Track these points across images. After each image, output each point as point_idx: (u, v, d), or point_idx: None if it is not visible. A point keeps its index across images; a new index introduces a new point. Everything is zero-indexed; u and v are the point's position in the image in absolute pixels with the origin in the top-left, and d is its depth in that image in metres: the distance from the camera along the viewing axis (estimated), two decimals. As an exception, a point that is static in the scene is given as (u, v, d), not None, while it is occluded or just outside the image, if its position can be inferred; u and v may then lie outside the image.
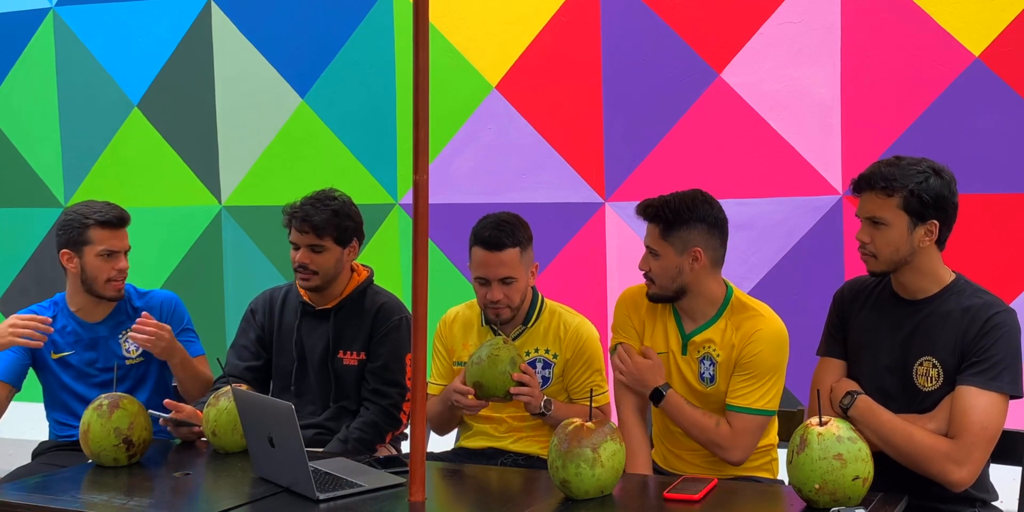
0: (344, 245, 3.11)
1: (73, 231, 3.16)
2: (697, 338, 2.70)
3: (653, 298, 2.73)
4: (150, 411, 2.84)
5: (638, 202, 2.72)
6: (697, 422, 2.65)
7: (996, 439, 2.32)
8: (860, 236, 2.45)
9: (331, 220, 3.06)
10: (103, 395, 2.73)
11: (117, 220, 3.17)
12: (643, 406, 2.80)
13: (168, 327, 3.11)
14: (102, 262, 3.15)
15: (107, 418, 2.65)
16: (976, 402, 2.28)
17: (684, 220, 2.61)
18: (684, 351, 2.72)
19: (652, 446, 2.86)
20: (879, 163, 2.43)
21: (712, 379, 2.68)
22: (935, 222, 2.37)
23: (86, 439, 2.67)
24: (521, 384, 2.75)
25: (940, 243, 2.42)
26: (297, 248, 3.10)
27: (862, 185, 2.43)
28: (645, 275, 2.72)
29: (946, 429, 2.32)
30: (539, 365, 2.94)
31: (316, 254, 3.07)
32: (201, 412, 2.86)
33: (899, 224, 2.37)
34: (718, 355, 2.67)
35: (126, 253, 3.21)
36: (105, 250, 3.15)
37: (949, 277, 2.44)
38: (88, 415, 2.69)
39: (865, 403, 2.38)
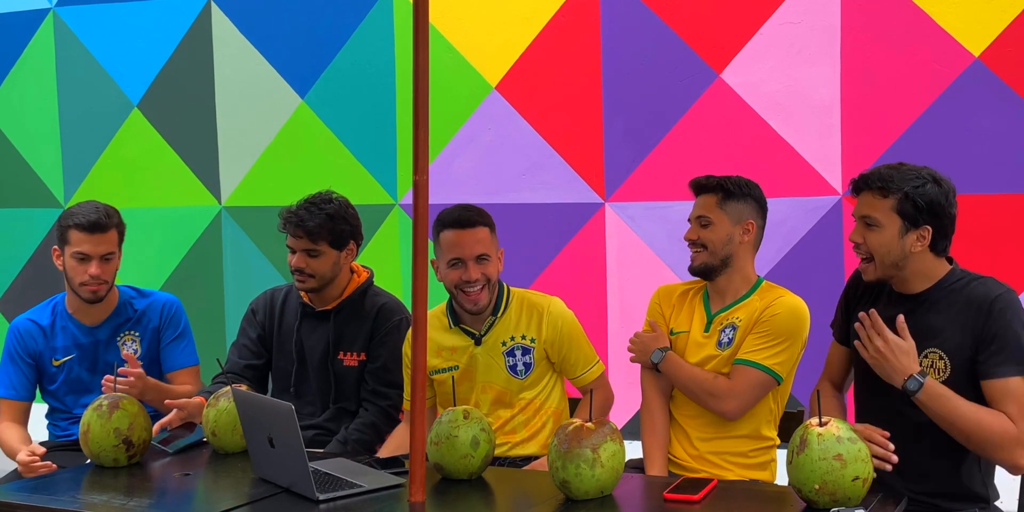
0: (340, 248, 3.11)
1: (59, 228, 3.17)
2: (721, 315, 2.78)
3: (697, 270, 2.80)
4: (153, 443, 2.82)
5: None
6: (695, 376, 2.72)
7: None
8: (853, 236, 2.47)
9: (325, 224, 3.05)
10: (103, 396, 2.72)
11: (91, 225, 3.11)
12: (665, 387, 2.84)
13: (143, 378, 3.03)
14: (76, 263, 3.13)
15: (107, 418, 2.64)
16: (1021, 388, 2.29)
17: (744, 193, 2.78)
18: (707, 329, 2.79)
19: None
20: (881, 166, 2.45)
21: (730, 342, 2.74)
22: (928, 228, 2.37)
23: (86, 440, 2.66)
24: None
25: (938, 251, 2.41)
26: (293, 252, 3.10)
27: (860, 185, 2.45)
28: (693, 244, 2.79)
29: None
30: (518, 353, 2.92)
31: (312, 258, 3.07)
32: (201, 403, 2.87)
33: (891, 226, 2.38)
34: (740, 321, 2.74)
35: (104, 258, 3.14)
36: (78, 253, 3.12)
37: (944, 268, 2.44)
38: (88, 415, 2.68)
39: (934, 388, 2.30)
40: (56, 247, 3.20)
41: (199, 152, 4.98)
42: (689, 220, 2.83)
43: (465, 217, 2.86)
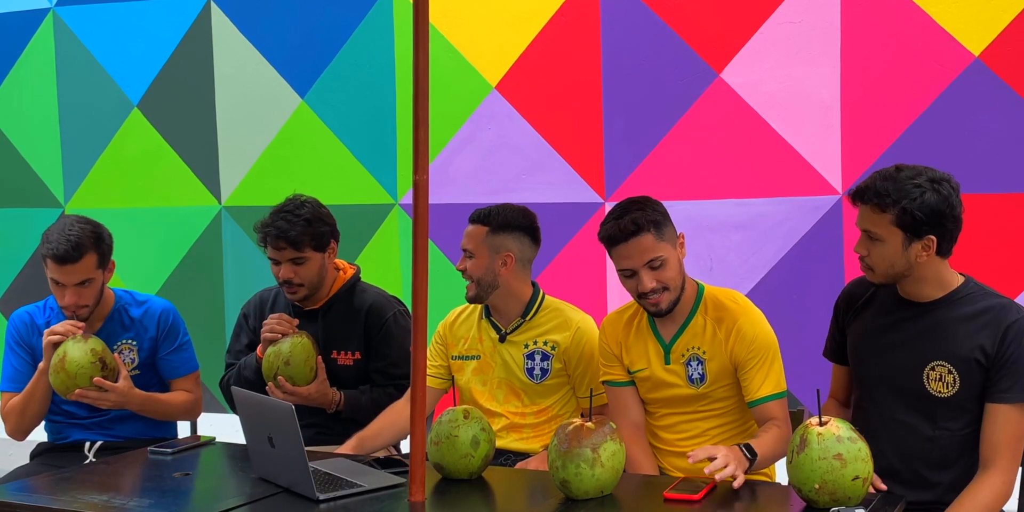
0: (323, 250, 3.12)
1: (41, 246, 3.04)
2: (678, 344, 2.71)
3: (656, 311, 2.69)
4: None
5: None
6: (773, 448, 2.57)
7: None
8: (858, 248, 2.39)
9: (306, 231, 3.05)
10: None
11: (59, 257, 2.95)
12: (640, 422, 2.80)
13: (121, 387, 2.98)
14: (54, 287, 3.05)
15: (83, 342, 2.86)
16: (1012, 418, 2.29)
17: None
18: (667, 361, 2.72)
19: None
20: (876, 175, 2.33)
21: (703, 378, 2.69)
22: (932, 238, 2.29)
23: (61, 366, 2.83)
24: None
25: (943, 253, 2.34)
26: (277, 263, 3.09)
27: (857, 197, 2.35)
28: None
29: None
30: (537, 357, 2.95)
31: (299, 266, 3.08)
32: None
33: (893, 240, 2.30)
34: (704, 352, 2.68)
35: (79, 285, 3.00)
36: (53, 279, 3.03)
37: (957, 280, 2.38)
38: (64, 346, 2.86)
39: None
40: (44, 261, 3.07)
41: (199, 152, 4.98)
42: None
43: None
